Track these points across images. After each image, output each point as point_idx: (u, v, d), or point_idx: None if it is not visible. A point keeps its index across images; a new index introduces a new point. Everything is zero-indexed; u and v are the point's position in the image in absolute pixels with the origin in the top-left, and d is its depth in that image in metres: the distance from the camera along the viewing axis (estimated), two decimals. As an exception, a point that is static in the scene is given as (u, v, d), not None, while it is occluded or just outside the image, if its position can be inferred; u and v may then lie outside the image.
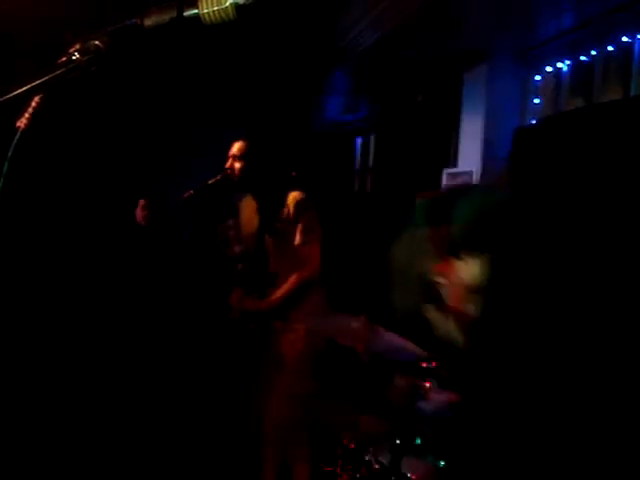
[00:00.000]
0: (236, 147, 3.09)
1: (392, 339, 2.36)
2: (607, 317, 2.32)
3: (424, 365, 2.41)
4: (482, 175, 4.06)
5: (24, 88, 0.82)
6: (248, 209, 3.24)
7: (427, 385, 2.36)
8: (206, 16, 0.86)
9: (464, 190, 2.51)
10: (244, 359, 3.24)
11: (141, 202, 4.71)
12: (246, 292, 3.13)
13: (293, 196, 3.06)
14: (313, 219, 3.05)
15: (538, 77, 3.90)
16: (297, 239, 2.99)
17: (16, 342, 3.98)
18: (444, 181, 4.42)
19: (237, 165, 3.06)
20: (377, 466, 2.35)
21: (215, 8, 0.85)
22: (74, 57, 0.84)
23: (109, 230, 4.80)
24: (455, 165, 4.46)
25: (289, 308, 3.05)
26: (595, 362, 2.17)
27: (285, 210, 3.04)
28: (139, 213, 4.69)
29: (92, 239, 4.86)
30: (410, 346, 2.32)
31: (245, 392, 3.26)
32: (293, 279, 3.01)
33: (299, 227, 2.99)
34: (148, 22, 0.86)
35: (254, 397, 3.15)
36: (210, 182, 3.04)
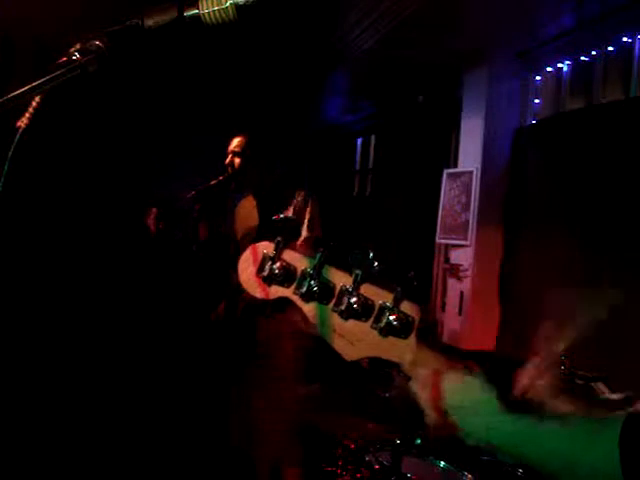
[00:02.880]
0: (235, 143, 3.07)
1: None
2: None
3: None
4: (482, 175, 4.07)
5: (24, 88, 0.82)
6: (246, 205, 3.21)
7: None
8: (206, 16, 0.86)
9: None
10: (234, 361, 3.20)
11: (153, 211, 4.54)
12: None
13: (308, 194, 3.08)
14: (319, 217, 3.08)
15: (538, 77, 3.89)
16: (311, 231, 2.96)
17: (17, 343, 3.97)
18: (444, 181, 4.42)
19: (237, 160, 3.05)
20: (377, 466, 2.35)
21: (215, 8, 0.85)
22: (74, 57, 0.84)
23: (109, 233, 4.78)
24: (455, 165, 4.46)
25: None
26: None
27: (294, 206, 3.01)
28: (152, 222, 4.52)
29: (91, 240, 4.85)
30: None
31: (235, 394, 3.22)
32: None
33: (315, 221, 2.99)
34: (149, 22, 0.86)
35: (244, 399, 3.10)
36: (212, 183, 3.03)
